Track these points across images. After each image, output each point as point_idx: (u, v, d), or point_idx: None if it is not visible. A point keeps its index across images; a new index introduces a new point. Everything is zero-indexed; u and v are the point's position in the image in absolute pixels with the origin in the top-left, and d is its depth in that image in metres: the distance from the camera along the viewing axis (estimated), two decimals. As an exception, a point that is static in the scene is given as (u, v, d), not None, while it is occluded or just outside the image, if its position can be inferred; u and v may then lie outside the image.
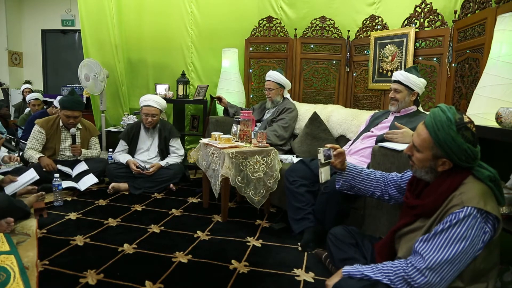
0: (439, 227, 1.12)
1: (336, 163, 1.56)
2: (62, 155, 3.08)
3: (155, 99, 3.16)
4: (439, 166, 1.20)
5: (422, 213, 1.24)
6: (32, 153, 2.97)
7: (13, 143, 3.54)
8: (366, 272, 1.19)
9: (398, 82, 2.21)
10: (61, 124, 3.10)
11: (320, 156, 1.55)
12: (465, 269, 1.11)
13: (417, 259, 1.12)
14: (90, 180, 2.91)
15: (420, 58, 3.03)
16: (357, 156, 2.25)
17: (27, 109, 4.57)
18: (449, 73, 2.77)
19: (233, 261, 1.86)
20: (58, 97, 3.98)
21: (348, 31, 3.66)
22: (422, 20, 3.06)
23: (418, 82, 2.18)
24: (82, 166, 3.04)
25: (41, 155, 2.97)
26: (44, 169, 2.86)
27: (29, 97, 4.52)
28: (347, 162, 1.60)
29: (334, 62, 3.74)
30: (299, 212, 2.16)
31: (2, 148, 2.74)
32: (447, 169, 1.19)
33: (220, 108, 3.68)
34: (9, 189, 2.45)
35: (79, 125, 3.16)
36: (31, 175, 2.61)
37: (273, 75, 3.05)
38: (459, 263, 1.08)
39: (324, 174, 1.58)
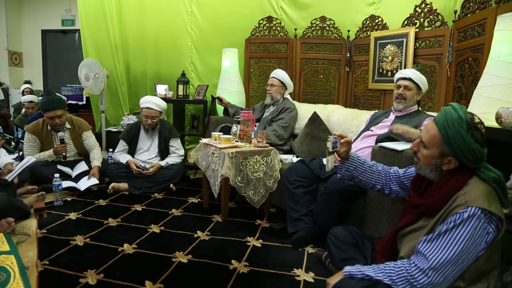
0: (443, 227, 1.11)
1: (341, 152, 1.56)
2: (59, 157, 3.05)
3: (155, 101, 3.13)
4: (445, 164, 1.20)
5: (425, 212, 1.24)
6: (39, 155, 2.96)
7: (13, 143, 3.53)
8: (367, 272, 1.19)
9: (409, 79, 2.16)
10: (49, 128, 3.05)
11: (329, 144, 1.55)
12: (467, 269, 1.11)
13: (420, 259, 1.12)
14: (90, 180, 2.90)
15: (420, 58, 3.03)
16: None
17: (23, 110, 4.56)
18: (449, 73, 2.77)
19: (233, 261, 1.86)
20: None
21: (348, 31, 3.66)
22: (422, 20, 3.06)
23: (425, 82, 2.20)
24: (82, 167, 3.03)
25: (49, 151, 2.99)
26: (58, 155, 2.97)
27: (23, 99, 4.48)
28: (351, 152, 1.60)
29: (334, 62, 3.74)
30: (295, 213, 2.17)
31: (2, 150, 2.74)
32: (452, 169, 1.19)
33: (220, 108, 3.68)
34: (8, 176, 2.42)
35: (67, 125, 3.09)
36: (26, 159, 2.59)
37: (279, 73, 3.09)
38: (462, 263, 1.08)
39: (330, 162, 1.58)
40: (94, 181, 2.91)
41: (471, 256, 1.08)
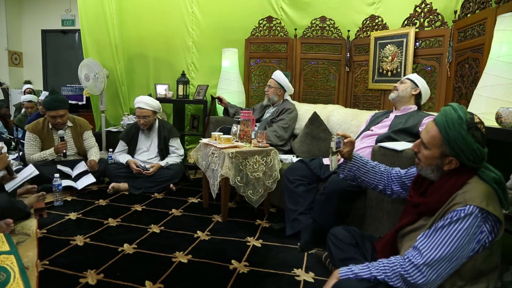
0: (439, 224, 1.12)
1: (344, 152, 1.56)
2: (59, 155, 3.06)
3: (145, 101, 3.13)
4: (446, 165, 1.20)
5: (425, 211, 1.24)
6: (40, 154, 2.96)
7: (13, 143, 3.52)
8: (360, 273, 1.19)
9: (407, 78, 2.31)
10: (50, 126, 3.05)
11: (333, 144, 1.55)
12: (465, 268, 1.11)
13: (415, 254, 1.13)
14: (87, 180, 2.91)
15: (420, 58, 3.03)
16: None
17: (23, 110, 4.56)
18: (449, 73, 2.77)
19: (233, 261, 1.86)
20: (43, 93, 3.96)
21: (348, 31, 3.66)
22: (422, 20, 3.06)
23: (424, 83, 2.26)
24: (82, 167, 3.03)
25: (50, 149, 2.98)
26: (59, 153, 2.96)
27: (23, 98, 4.47)
28: (354, 152, 1.60)
29: (334, 62, 3.74)
30: (292, 213, 2.17)
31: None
32: (453, 168, 1.19)
33: (220, 108, 3.68)
34: (9, 186, 2.43)
35: (68, 123, 3.09)
36: (30, 170, 2.60)
37: (277, 75, 3.10)
38: (456, 260, 1.09)
39: (334, 162, 1.58)
40: (91, 179, 2.91)
41: (464, 254, 1.09)
